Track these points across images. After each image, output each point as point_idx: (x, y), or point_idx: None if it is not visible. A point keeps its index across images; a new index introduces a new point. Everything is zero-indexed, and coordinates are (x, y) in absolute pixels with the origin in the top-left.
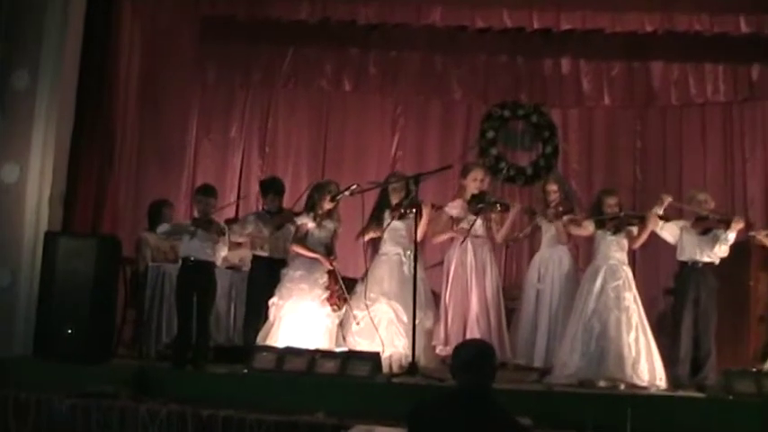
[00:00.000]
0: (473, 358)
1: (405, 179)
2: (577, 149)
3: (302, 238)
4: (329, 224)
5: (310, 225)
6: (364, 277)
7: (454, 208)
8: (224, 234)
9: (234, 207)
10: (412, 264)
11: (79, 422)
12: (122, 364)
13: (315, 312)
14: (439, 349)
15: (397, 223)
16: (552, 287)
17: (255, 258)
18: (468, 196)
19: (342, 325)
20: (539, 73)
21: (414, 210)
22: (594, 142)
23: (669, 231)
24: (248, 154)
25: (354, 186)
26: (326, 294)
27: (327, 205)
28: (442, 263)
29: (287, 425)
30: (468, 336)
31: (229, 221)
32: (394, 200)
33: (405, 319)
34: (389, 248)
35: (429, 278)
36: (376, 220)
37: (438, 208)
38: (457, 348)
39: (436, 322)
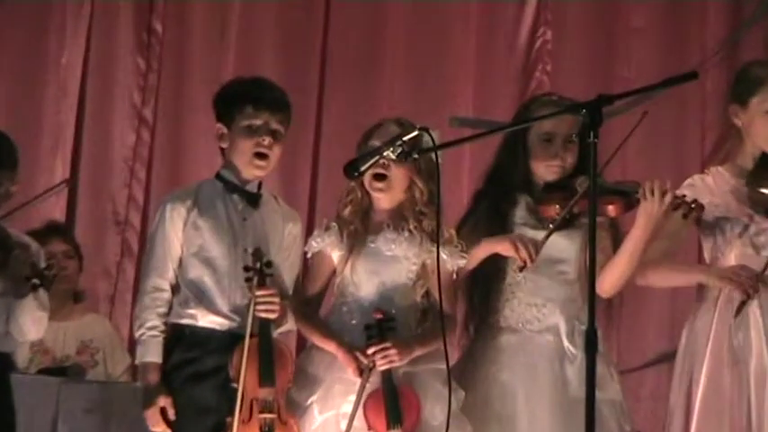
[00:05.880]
0: None
1: (568, 108)
2: None
3: (305, 296)
4: (384, 242)
5: (328, 250)
6: (450, 390)
7: (703, 193)
8: (43, 280)
9: (64, 194)
10: (582, 356)
11: None
12: None
13: None
14: None
15: (554, 241)
16: None
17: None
18: (746, 161)
19: None
20: None
21: (612, 202)
22: None
23: None
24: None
25: (416, 133)
26: None
27: (352, 193)
28: (668, 357)
29: None
30: None
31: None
32: (542, 173)
33: None
34: (525, 312)
35: (632, 395)
36: (484, 225)
37: (696, 206)
38: None
39: None
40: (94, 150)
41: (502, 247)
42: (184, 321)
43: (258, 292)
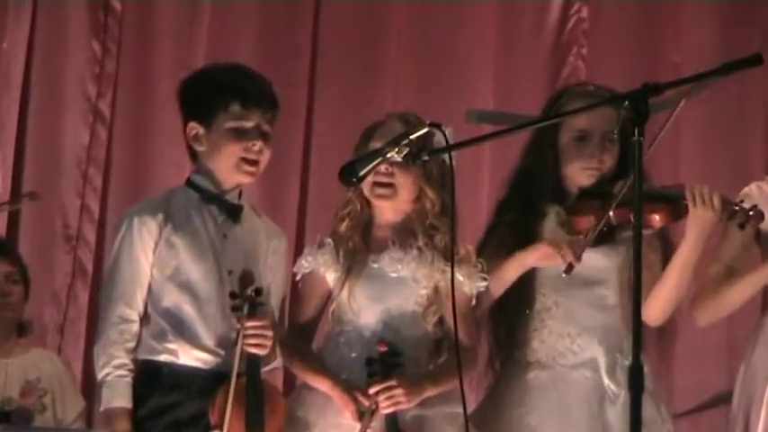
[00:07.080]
0: None
1: (608, 100)
2: None
3: (293, 325)
4: (388, 262)
5: (322, 270)
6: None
7: (762, 205)
8: None
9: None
10: (626, 395)
11: None
12: None
13: None
14: None
15: (590, 260)
16: None
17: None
18: None
19: None
20: None
21: (656, 211)
22: None
23: None
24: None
25: (426, 129)
26: None
27: (350, 205)
28: (728, 397)
29: None
30: None
31: None
32: (576, 178)
33: None
34: (557, 344)
35: None
36: (509, 243)
37: (755, 213)
38: None
39: None
40: (41, 152)
41: (538, 255)
42: (162, 358)
43: (248, 323)
